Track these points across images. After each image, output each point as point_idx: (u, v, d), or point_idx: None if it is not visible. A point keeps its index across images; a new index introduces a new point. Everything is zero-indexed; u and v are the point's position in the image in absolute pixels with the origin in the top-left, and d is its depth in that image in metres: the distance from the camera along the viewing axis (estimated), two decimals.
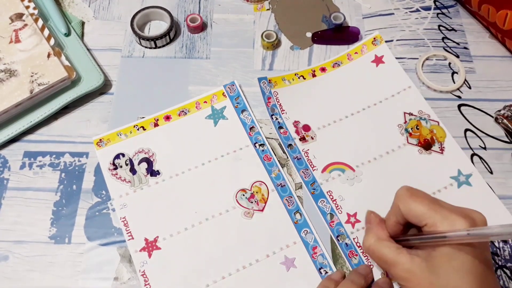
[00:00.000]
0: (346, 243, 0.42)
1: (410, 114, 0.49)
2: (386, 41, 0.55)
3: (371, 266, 0.41)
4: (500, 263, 0.43)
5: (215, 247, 0.42)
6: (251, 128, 0.48)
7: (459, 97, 0.51)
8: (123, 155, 0.46)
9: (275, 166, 0.46)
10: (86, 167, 0.46)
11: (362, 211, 0.44)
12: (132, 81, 0.51)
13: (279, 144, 0.47)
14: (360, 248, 0.42)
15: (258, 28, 0.56)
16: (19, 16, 0.51)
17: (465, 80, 0.52)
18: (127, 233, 0.43)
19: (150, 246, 0.42)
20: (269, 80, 0.50)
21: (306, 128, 0.48)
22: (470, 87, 0.52)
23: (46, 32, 0.50)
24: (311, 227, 0.43)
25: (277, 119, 0.48)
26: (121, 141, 0.47)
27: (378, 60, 0.52)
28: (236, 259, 0.42)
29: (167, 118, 0.48)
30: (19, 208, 0.44)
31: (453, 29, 0.56)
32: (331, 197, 0.45)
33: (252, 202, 0.44)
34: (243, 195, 0.45)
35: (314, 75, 0.51)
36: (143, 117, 0.49)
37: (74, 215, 0.44)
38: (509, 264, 0.42)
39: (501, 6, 0.50)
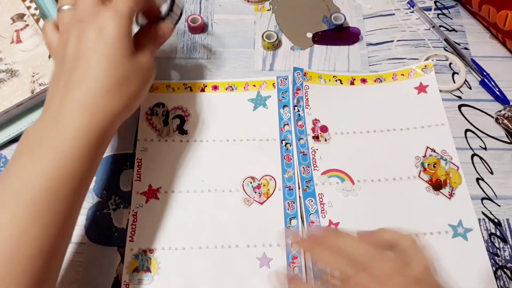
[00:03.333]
0: None
1: (433, 150, 0.47)
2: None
3: None
4: (500, 263, 0.43)
5: (205, 219, 0.44)
6: (285, 125, 0.48)
7: (460, 97, 0.51)
8: (163, 105, 0.49)
9: (292, 168, 0.46)
10: None
11: (345, 224, 0.43)
12: None
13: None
14: None
15: (259, 28, 0.56)
16: (21, 16, 0.51)
17: (466, 80, 0.52)
18: (137, 174, 0.45)
19: (151, 193, 0.45)
20: (305, 73, 0.50)
21: (324, 129, 0.48)
22: (470, 88, 0.52)
23: None
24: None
25: (298, 111, 0.49)
26: (167, 92, 0.50)
27: (421, 88, 0.51)
28: (218, 237, 0.43)
29: (215, 87, 0.50)
30: None
31: (453, 30, 0.56)
32: (320, 199, 0.44)
33: (256, 192, 0.45)
34: (251, 182, 0.45)
35: (352, 83, 0.51)
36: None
37: None
38: (509, 265, 0.42)
39: (501, 6, 0.50)
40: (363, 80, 0.51)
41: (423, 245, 0.32)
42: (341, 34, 0.55)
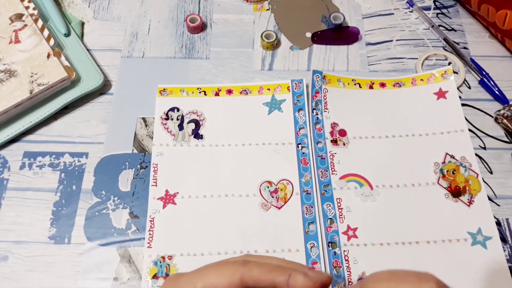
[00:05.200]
0: (335, 252, 0.42)
1: (452, 156, 0.47)
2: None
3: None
4: None
5: (223, 224, 0.43)
6: (300, 128, 0.48)
7: (459, 97, 0.51)
8: (178, 109, 0.49)
9: (308, 172, 0.46)
10: (85, 167, 0.46)
11: (364, 229, 0.43)
12: (132, 81, 0.51)
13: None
14: (346, 262, 0.42)
15: (258, 28, 0.56)
16: (19, 16, 0.51)
17: (465, 80, 0.52)
18: (153, 179, 0.45)
19: (168, 199, 0.44)
20: (324, 76, 0.50)
21: (342, 133, 0.48)
22: (469, 87, 0.52)
23: (46, 32, 0.50)
24: (319, 242, 0.42)
25: (317, 114, 0.48)
26: (181, 97, 0.50)
27: (440, 94, 0.50)
28: (237, 242, 0.42)
29: (229, 91, 0.50)
30: (19, 208, 0.44)
31: (452, 29, 0.56)
32: (339, 204, 0.44)
33: (273, 197, 0.45)
34: (268, 187, 0.45)
35: (371, 87, 0.51)
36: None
37: (73, 215, 0.44)
38: (509, 264, 0.42)
39: (500, 6, 0.50)
40: (382, 85, 0.51)
41: None
42: (340, 34, 0.55)
